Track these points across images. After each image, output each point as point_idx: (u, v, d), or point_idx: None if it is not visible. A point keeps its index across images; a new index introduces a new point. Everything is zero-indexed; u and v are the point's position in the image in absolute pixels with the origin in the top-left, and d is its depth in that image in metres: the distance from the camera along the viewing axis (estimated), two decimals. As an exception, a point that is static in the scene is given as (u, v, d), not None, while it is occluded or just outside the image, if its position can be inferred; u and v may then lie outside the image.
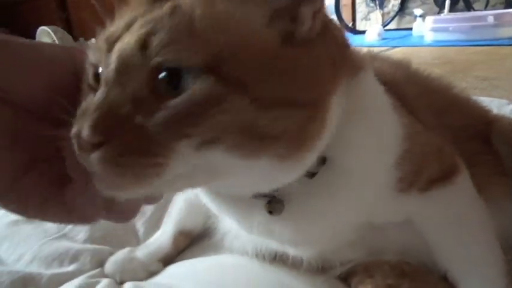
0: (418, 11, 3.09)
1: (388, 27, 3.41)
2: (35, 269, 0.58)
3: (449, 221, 0.43)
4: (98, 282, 0.54)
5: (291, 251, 0.47)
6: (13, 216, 0.71)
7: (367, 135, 0.39)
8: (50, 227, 0.65)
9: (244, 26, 0.30)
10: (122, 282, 0.55)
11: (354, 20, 3.74)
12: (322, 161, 0.37)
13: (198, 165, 0.29)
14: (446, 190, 0.43)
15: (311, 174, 0.37)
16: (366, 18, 3.76)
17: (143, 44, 0.28)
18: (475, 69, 1.96)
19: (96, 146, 0.26)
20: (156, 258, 0.58)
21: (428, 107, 0.49)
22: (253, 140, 0.29)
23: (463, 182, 0.45)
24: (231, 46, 0.28)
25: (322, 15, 0.33)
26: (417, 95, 0.49)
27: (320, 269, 0.48)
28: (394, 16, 3.55)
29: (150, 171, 0.27)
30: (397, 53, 2.38)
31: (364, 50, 0.57)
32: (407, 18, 3.48)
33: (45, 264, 0.59)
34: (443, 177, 0.43)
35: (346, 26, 3.51)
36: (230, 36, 0.28)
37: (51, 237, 0.63)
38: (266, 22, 0.30)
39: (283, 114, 0.29)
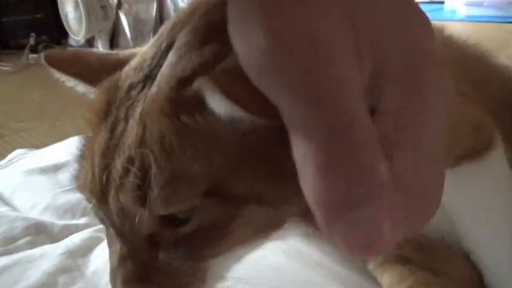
0: (452, -17, 2.94)
1: (419, -1, 3.27)
2: (47, 218, 0.59)
3: (475, 200, 0.40)
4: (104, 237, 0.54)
5: None
6: (28, 166, 0.72)
7: None
8: (63, 178, 0.66)
9: (218, 135, 0.25)
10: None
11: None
12: None
13: (238, 257, 0.29)
14: (476, 166, 0.40)
15: None
16: (397, -11, 3.61)
17: (141, 202, 0.25)
18: (509, 47, 1.86)
19: None
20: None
21: (464, 75, 0.45)
22: (279, 224, 0.28)
23: (495, 158, 0.41)
24: (217, 161, 0.25)
25: None
26: (451, 62, 0.45)
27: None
28: (427, -12, 3.39)
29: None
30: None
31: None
32: (441, -10, 3.32)
33: (57, 215, 0.60)
34: (475, 153, 0.40)
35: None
36: (212, 154, 0.25)
37: (64, 189, 0.64)
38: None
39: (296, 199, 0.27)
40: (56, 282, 0.46)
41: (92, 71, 0.32)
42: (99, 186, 0.27)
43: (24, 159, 0.80)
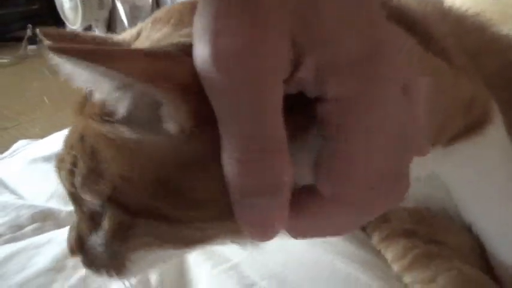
0: (452, -42, 2.88)
1: (419, -24, 3.20)
2: (54, 205, 0.59)
3: (475, 175, 0.40)
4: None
5: None
6: (31, 156, 0.72)
7: None
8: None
9: (126, 145, 0.26)
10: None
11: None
12: None
13: (160, 256, 0.31)
14: (475, 142, 0.39)
15: None
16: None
17: (72, 184, 0.30)
18: (510, 22, 1.83)
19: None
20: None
21: (460, 46, 0.45)
22: (193, 242, 0.29)
23: (494, 133, 0.40)
24: (120, 171, 0.26)
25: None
26: (448, 34, 0.45)
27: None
28: (426, -36, 3.32)
29: (116, 274, 0.31)
30: (427, 3, 2.25)
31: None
32: (441, -34, 3.25)
33: (63, 202, 0.60)
34: (472, 128, 0.39)
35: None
36: (112, 160, 0.27)
37: (68, 176, 0.64)
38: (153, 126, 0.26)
39: (207, 225, 0.27)
40: (64, 266, 0.46)
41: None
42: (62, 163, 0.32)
43: (28, 149, 0.80)
